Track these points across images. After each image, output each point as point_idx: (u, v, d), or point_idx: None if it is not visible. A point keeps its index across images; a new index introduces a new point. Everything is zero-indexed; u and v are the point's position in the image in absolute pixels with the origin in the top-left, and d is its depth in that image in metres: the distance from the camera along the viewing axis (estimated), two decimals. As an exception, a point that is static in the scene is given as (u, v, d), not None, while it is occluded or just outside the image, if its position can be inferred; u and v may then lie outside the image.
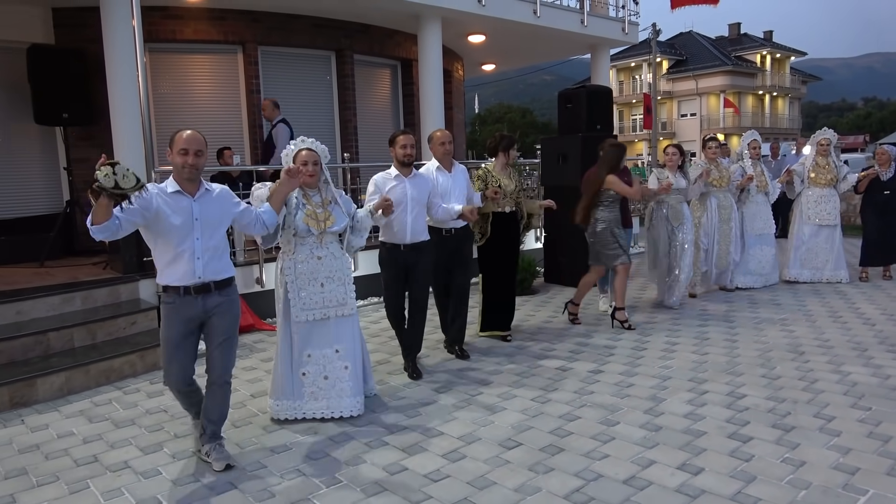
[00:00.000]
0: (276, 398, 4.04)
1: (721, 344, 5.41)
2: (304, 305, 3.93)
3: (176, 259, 3.31)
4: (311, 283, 3.93)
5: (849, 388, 4.31)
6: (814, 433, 3.64)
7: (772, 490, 3.03)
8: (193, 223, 3.32)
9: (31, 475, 3.45)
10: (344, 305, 4.02)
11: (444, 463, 3.43)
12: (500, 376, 4.79)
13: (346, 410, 4.03)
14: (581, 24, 10.75)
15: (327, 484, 3.24)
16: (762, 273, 7.64)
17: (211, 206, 3.40)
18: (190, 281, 3.32)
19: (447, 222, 5.08)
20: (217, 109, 8.64)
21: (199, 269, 3.33)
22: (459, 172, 5.23)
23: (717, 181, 7.21)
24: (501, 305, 5.78)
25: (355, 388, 4.05)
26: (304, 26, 8.93)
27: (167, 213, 3.25)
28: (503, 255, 5.66)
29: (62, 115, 7.25)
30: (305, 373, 3.99)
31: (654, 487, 3.09)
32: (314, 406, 4.02)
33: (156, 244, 3.35)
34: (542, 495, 3.05)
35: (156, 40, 7.83)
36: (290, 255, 3.96)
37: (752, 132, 7.85)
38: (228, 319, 3.47)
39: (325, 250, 3.98)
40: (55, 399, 4.62)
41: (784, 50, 50.63)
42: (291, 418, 4.01)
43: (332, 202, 4.02)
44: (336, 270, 4.00)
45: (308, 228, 3.89)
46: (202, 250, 3.34)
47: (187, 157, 3.27)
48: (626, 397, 4.29)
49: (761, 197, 7.62)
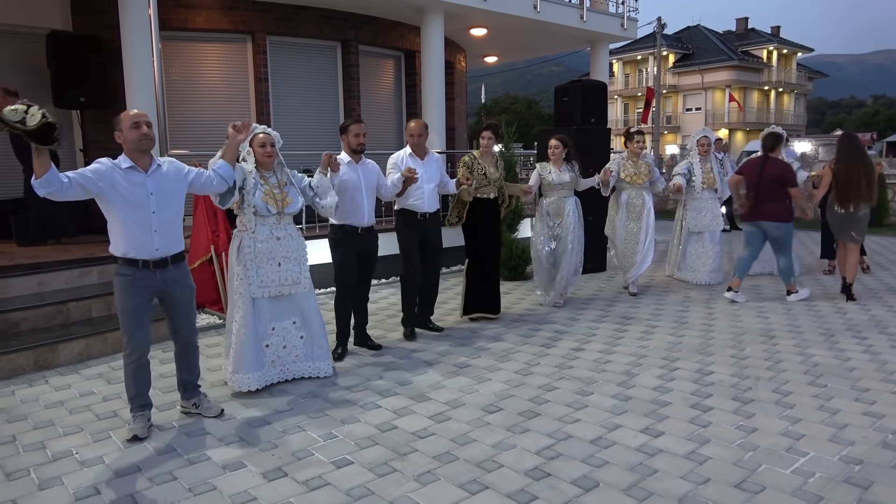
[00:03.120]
0: (244, 371, 4.18)
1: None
2: (261, 283, 4.16)
3: (133, 232, 3.48)
4: (268, 262, 4.17)
5: (810, 367, 4.66)
6: (769, 405, 3.99)
7: (722, 451, 3.38)
8: (149, 197, 3.50)
9: (57, 426, 3.82)
10: (298, 284, 4.30)
11: (431, 423, 3.79)
12: (487, 353, 5.14)
13: (300, 373, 4.44)
14: (580, 20, 11.03)
15: (325, 438, 3.60)
16: (702, 270, 7.54)
17: (164, 180, 3.58)
18: (148, 255, 3.53)
19: (421, 206, 5.40)
20: (226, 96, 8.97)
21: (156, 241, 3.54)
22: (433, 161, 5.57)
23: (631, 177, 6.94)
24: (485, 289, 6.04)
25: (308, 354, 4.44)
26: (311, 17, 9.25)
27: (122, 186, 3.43)
28: (485, 239, 5.93)
29: (79, 98, 7.59)
30: (269, 344, 4.27)
31: (617, 447, 3.45)
32: (273, 372, 4.33)
33: (112, 215, 3.50)
34: (516, 451, 3.41)
35: (168, 28, 8.15)
36: (249, 233, 4.15)
37: (703, 129, 7.82)
38: (188, 291, 3.80)
39: (284, 231, 4.24)
40: (75, 363, 4.99)
41: (791, 46, 50.60)
42: (255, 389, 4.22)
43: (287, 184, 4.28)
44: (293, 251, 4.27)
45: (267, 207, 4.12)
46: (159, 223, 3.54)
47: (140, 129, 3.45)
48: (602, 372, 4.64)
49: (708, 193, 7.52)
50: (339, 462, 3.31)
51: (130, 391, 3.70)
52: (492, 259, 6.03)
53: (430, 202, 5.47)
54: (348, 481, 3.11)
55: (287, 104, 9.34)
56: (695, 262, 7.65)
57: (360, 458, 3.36)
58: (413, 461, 3.31)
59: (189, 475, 3.19)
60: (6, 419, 3.94)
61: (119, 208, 3.45)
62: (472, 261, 5.99)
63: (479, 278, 6.01)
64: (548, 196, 6.50)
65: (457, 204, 5.89)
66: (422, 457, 3.36)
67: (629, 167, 6.98)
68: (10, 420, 3.93)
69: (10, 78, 7.89)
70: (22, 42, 7.88)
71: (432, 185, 5.51)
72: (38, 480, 3.16)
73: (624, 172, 6.95)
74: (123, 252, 3.52)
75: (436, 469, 3.22)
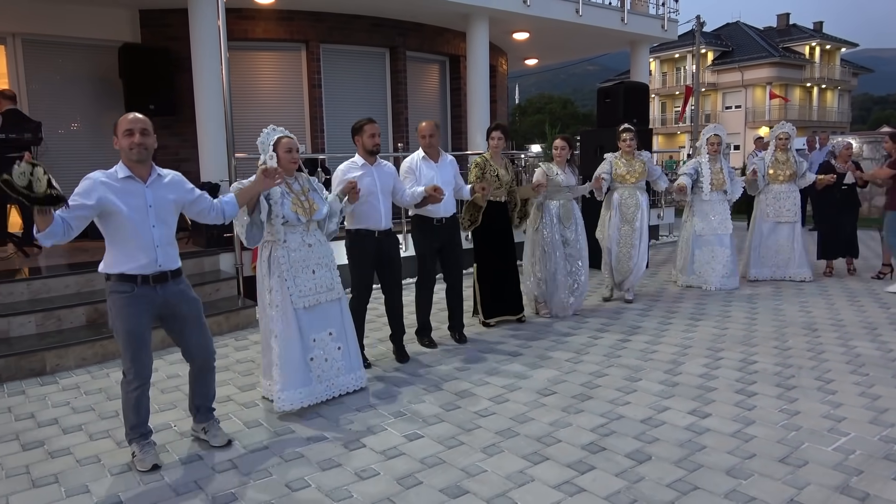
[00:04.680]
0: (293, 388, 3.97)
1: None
2: (300, 292, 3.99)
3: (133, 247, 3.20)
4: (303, 271, 4.02)
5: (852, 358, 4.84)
6: (812, 391, 4.20)
7: (766, 430, 3.62)
8: (147, 210, 3.22)
9: (152, 403, 4.22)
10: (332, 290, 4.16)
11: (491, 404, 4.10)
12: (533, 346, 5.41)
13: (345, 387, 4.26)
14: (621, 22, 11.24)
15: (395, 416, 3.95)
16: (711, 275, 7.21)
17: (164, 192, 3.31)
18: (150, 270, 3.24)
19: (437, 211, 5.17)
20: (282, 102, 9.44)
21: (160, 257, 3.26)
22: (447, 164, 5.34)
23: (623, 177, 6.64)
24: (506, 292, 5.93)
25: (348, 365, 4.26)
26: (362, 25, 9.68)
27: (115, 201, 3.12)
28: (497, 243, 5.81)
29: (149, 106, 8.10)
30: (313, 357, 4.07)
31: (667, 426, 3.72)
32: (320, 389, 4.12)
33: (109, 231, 3.22)
34: (572, 429, 3.71)
35: (230, 39, 8.62)
36: (280, 244, 3.98)
37: (714, 126, 7.34)
38: (194, 304, 3.47)
39: (314, 237, 4.11)
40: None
41: (834, 41, 49.50)
42: (304, 406, 4.03)
43: (310, 189, 4.15)
44: (323, 257, 4.13)
45: (297, 216, 3.99)
46: (159, 238, 3.26)
47: (133, 137, 3.16)
48: (650, 360, 4.90)
49: (717, 195, 7.17)
50: (411, 436, 3.66)
51: (131, 420, 3.38)
52: (510, 261, 5.92)
53: (446, 206, 5.20)
54: (421, 451, 3.45)
55: (338, 109, 9.77)
56: (702, 267, 7.26)
57: (429, 432, 3.70)
58: (478, 436, 3.63)
59: (278, 445, 3.57)
60: (106, 397, 4.40)
61: (117, 222, 3.17)
62: (482, 265, 5.85)
63: (495, 281, 5.88)
64: (552, 199, 6.16)
65: (469, 207, 5.74)
66: (485, 432, 3.67)
67: (621, 166, 6.64)
68: (109, 398, 4.37)
69: (86, 88, 8.51)
70: (96, 54, 8.47)
71: (448, 188, 5.19)
72: (106, 467, 3.57)
73: (616, 171, 6.63)
74: (120, 268, 3.21)
75: (500, 443, 3.54)
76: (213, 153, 7.15)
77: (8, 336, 5.12)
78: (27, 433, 3.83)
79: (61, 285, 5.76)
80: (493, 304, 5.93)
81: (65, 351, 5.02)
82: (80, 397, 4.42)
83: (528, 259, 6.28)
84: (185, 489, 3.12)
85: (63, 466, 3.39)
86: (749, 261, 7.73)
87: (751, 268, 7.68)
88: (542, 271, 6.20)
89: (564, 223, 6.14)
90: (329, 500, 2.98)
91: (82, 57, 8.48)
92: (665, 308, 6.54)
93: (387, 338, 5.22)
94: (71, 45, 8.37)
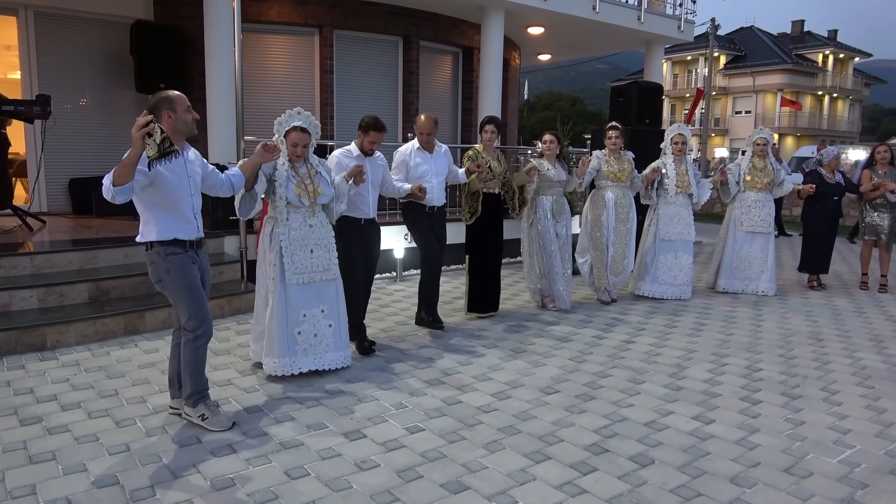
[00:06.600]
0: (275, 356, 4.24)
1: (746, 327, 5.89)
2: (295, 269, 4.22)
3: (180, 216, 3.43)
4: (301, 249, 4.23)
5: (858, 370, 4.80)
6: (817, 402, 4.16)
7: (771, 439, 3.58)
8: (188, 180, 3.47)
9: (153, 384, 4.23)
10: (328, 270, 4.36)
11: (493, 400, 4.07)
12: (538, 342, 5.39)
13: (331, 363, 4.42)
14: (638, 21, 11.14)
15: (396, 408, 3.92)
16: (673, 283, 6.90)
17: (194, 166, 3.55)
18: (192, 235, 3.50)
19: (429, 200, 5.37)
20: (292, 87, 9.36)
21: (199, 223, 3.55)
22: (441, 154, 5.60)
23: (615, 175, 6.58)
24: (486, 287, 6.03)
25: (337, 343, 4.44)
26: (378, 13, 9.59)
27: (163, 171, 3.32)
28: (488, 237, 5.91)
29: (159, 84, 8.03)
30: (301, 331, 4.27)
31: (671, 430, 3.68)
32: (305, 361, 4.32)
33: (156, 200, 3.38)
34: (575, 429, 3.67)
35: (243, 21, 8.55)
36: (283, 222, 4.20)
37: (678, 125, 7.02)
38: (209, 275, 3.75)
39: (316, 219, 4.30)
40: (160, 330, 5.41)
41: (848, 50, 49.21)
42: (287, 374, 4.27)
43: (317, 173, 4.31)
44: (323, 238, 4.33)
45: (300, 199, 4.18)
46: (196, 206, 3.52)
47: (192, 112, 3.45)
48: (654, 363, 4.86)
49: (682, 199, 6.85)
50: (412, 429, 3.63)
51: (200, 377, 3.58)
52: (493, 257, 6.01)
53: (438, 196, 5.49)
54: (422, 445, 3.42)
55: (349, 95, 9.70)
56: (665, 274, 6.90)
57: (430, 426, 3.66)
58: (480, 431, 3.60)
59: (279, 431, 3.54)
60: (106, 376, 4.37)
61: (167, 190, 3.37)
62: (475, 258, 5.94)
63: (483, 277, 5.98)
64: (545, 194, 6.16)
65: (468, 198, 5.84)
66: (487, 428, 3.64)
67: (612, 164, 6.55)
68: (109, 377, 4.35)
69: (96, 63, 8.45)
70: (108, 30, 8.41)
71: (440, 178, 5.51)
72: (144, 429, 3.55)
73: (608, 168, 6.53)
74: (174, 234, 3.43)
75: (501, 440, 3.50)
76: (222, 135, 7.10)
77: (9, 310, 5.09)
78: (26, 408, 3.80)
79: (65, 261, 5.73)
80: (477, 298, 6.03)
81: (66, 327, 4.99)
82: (79, 374, 4.39)
83: (527, 254, 6.32)
84: (183, 472, 3.09)
85: (61, 443, 3.36)
86: (720, 271, 7.36)
87: (721, 278, 7.33)
88: (541, 265, 6.26)
89: (557, 218, 6.20)
90: (329, 490, 2.96)
91: (94, 32, 8.42)
92: (670, 310, 6.49)
93: (386, 328, 5.19)
94: (83, 20, 8.30)
